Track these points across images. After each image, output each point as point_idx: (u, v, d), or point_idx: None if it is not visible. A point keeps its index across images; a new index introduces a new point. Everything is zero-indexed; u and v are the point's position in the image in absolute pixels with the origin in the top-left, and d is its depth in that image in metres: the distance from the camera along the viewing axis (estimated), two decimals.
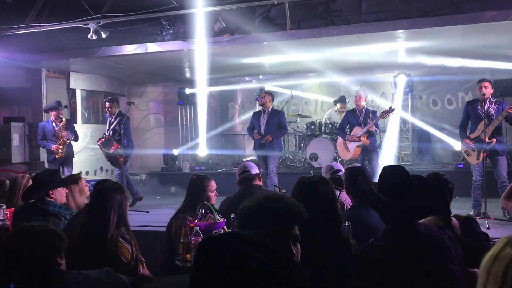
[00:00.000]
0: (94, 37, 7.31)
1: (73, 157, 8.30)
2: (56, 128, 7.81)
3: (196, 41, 7.77)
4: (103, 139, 7.85)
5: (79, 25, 7.43)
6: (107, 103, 8.03)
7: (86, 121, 10.71)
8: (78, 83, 10.49)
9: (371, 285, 2.47)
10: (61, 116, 7.84)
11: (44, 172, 3.95)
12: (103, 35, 7.36)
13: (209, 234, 1.24)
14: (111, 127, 7.94)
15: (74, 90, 10.41)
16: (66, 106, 8.64)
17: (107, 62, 9.31)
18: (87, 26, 7.29)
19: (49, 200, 3.65)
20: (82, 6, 7.35)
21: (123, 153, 7.71)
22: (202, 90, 10.55)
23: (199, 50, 8.12)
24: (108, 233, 2.84)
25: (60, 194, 3.74)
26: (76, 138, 8.09)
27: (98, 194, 3.00)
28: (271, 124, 7.80)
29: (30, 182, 3.99)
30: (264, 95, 7.97)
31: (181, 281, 1.65)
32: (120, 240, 2.90)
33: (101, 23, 7.30)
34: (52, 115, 7.85)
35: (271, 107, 7.93)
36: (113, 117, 7.99)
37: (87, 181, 8.13)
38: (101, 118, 11.31)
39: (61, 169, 7.84)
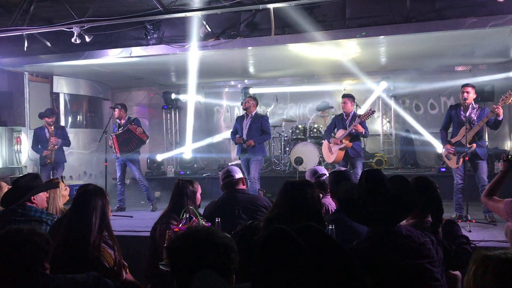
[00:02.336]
0: (78, 41, 7.25)
1: (65, 161, 8.45)
2: (47, 135, 8.15)
3: (181, 46, 7.77)
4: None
5: (63, 28, 7.37)
6: (116, 111, 8.09)
7: (69, 125, 10.61)
8: (62, 87, 10.40)
9: None
10: (50, 123, 8.17)
11: (25, 176, 3.89)
12: (87, 39, 7.31)
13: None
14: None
15: (57, 94, 10.32)
16: (53, 113, 8.65)
17: (91, 66, 9.26)
18: (71, 30, 7.24)
19: (30, 206, 3.62)
20: (65, 10, 7.30)
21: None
22: (189, 95, 10.51)
23: (184, 54, 8.12)
24: (91, 238, 2.82)
25: (41, 199, 3.71)
26: (66, 143, 8.35)
27: (80, 198, 2.98)
28: (254, 129, 7.69)
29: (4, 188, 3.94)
30: (248, 100, 7.92)
31: None
32: (103, 245, 2.88)
33: (85, 27, 7.25)
34: (45, 121, 8.20)
35: (255, 111, 7.88)
36: (123, 121, 8.11)
37: (71, 186, 8.13)
38: (84, 122, 11.22)
39: (52, 173, 8.15)
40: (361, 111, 9.24)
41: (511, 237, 3.37)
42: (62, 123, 10.27)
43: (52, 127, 8.22)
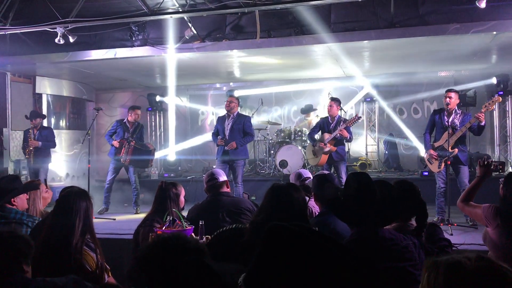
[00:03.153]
0: (62, 42, 7.17)
1: (48, 163, 8.46)
2: (32, 136, 8.25)
3: (166, 47, 7.74)
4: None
5: (46, 29, 7.28)
6: (138, 112, 8.20)
7: (52, 126, 10.46)
8: (45, 88, 10.27)
9: None
10: (35, 125, 8.28)
11: (4, 178, 3.82)
12: (71, 40, 7.23)
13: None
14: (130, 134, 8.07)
15: (40, 95, 10.19)
16: (41, 116, 8.60)
17: (75, 67, 9.16)
18: (55, 30, 7.16)
19: (10, 208, 3.56)
20: (49, 10, 7.21)
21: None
22: (170, 97, 10.49)
23: (169, 56, 8.09)
24: (73, 241, 2.78)
25: (21, 201, 3.65)
26: (48, 145, 8.36)
27: (63, 200, 2.94)
28: (236, 130, 7.50)
29: None
30: (231, 99, 7.74)
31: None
32: (85, 248, 2.85)
33: (69, 28, 7.17)
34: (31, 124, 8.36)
35: (237, 112, 7.72)
36: (131, 124, 8.15)
37: (53, 187, 8.03)
38: (68, 123, 11.09)
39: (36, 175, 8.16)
40: (344, 114, 9.26)
41: (489, 242, 3.42)
42: (45, 124, 10.14)
43: (36, 129, 8.27)
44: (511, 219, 3.31)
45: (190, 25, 7.48)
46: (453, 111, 6.47)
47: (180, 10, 7.12)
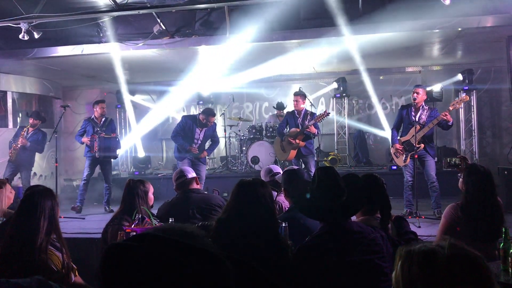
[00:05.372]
0: (26, 38, 6.98)
1: (30, 165, 8.40)
2: (25, 134, 8.13)
3: (134, 43, 7.64)
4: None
5: (10, 24, 7.08)
6: (102, 106, 8.06)
7: (18, 124, 10.20)
8: (9, 85, 9.98)
9: (306, 283, 2.53)
10: (32, 125, 8.18)
11: None
12: (36, 36, 7.05)
13: (114, 242, 1.08)
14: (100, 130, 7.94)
15: (5, 92, 9.91)
16: (40, 118, 8.41)
17: (41, 64, 8.94)
18: (18, 26, 6.96)
19: None
20: (12, 5, 7.01)
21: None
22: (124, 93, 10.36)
23: (138, 52, 7.98)
24: (37, 240, 2.72)
25: None
26: (35, 148, 8.24)
27: (28, 200, 2.87)
28: (206, 137, 7.74)
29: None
30: (212, 119, 7.56)
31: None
32: (50, 248, 2.79)
33: (34, 23, 6.99)
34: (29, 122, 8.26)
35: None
36: (100, 119, 8.04)
37: (19, 187, 7.83)
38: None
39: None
40: (310, 107, 9.21)
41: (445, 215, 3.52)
42: (10, 123, 9.89)
43: (32, 128, 8.17)
44: (473, 211, 3.40)
45: (159, 20, 7.39)
46: (420, 107, 6.59)
47: (148, 5, 7.02)
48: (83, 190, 7.93)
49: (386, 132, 10.27)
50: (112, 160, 8.22)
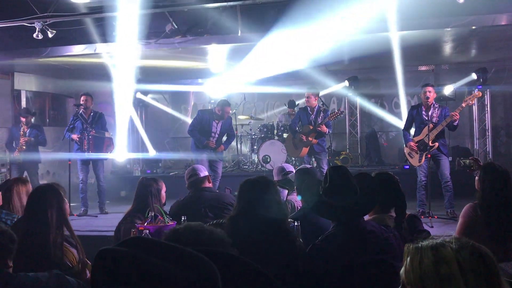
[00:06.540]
0: (40, 37, 7.05)
1: (38, 162, 8.31)
2: (22, 133, 8.02)
3: (146, 42, 7.67)
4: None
5: (24, 23, 7.15)
6: (86, 98, 7.74)
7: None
8: (23, 84, 10.10)
9: (318, 282, 2.52)
10: (25, 122, 8.04)
11: None
12: (50, 35, 7.11)
13: (105, 247, 1.07)
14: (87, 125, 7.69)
15: (19, 91, 10.02)
16: (31, 113, 8.38)
17: (54, 63, 9.02)
18: (33, 25, 7.02)
19: None
20: (27, 4, 7.07)
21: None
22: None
23: (149, 51, 8.02)
24: (50, 236, 2.76)
25: None
26: (39, 142, 8.15)
27: (35, 198, 2.93)
28: (223, 132, 7.67)
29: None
30: (228, 110, 7.57)
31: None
32: (65, 245, 2.84)
33: (48, 22, 7.05)
34: (21, 121, 8.12)
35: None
36: (88, 114, 7.76)
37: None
38: (47, 120, 10.93)
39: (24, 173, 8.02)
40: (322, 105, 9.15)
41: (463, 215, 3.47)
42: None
43: (26, 127, 8.05)
44: (491, 210, 3.36)
45: (171, 19, 7.41)
46: (432, 105, 6.54)
47: (161, 4, 7.04)
48: (84, 192, 7.62)
49: (398, 132, 10.21)
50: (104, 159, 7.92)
